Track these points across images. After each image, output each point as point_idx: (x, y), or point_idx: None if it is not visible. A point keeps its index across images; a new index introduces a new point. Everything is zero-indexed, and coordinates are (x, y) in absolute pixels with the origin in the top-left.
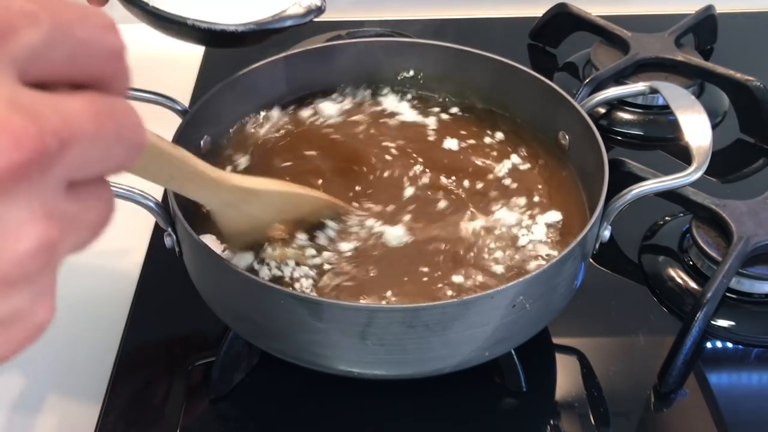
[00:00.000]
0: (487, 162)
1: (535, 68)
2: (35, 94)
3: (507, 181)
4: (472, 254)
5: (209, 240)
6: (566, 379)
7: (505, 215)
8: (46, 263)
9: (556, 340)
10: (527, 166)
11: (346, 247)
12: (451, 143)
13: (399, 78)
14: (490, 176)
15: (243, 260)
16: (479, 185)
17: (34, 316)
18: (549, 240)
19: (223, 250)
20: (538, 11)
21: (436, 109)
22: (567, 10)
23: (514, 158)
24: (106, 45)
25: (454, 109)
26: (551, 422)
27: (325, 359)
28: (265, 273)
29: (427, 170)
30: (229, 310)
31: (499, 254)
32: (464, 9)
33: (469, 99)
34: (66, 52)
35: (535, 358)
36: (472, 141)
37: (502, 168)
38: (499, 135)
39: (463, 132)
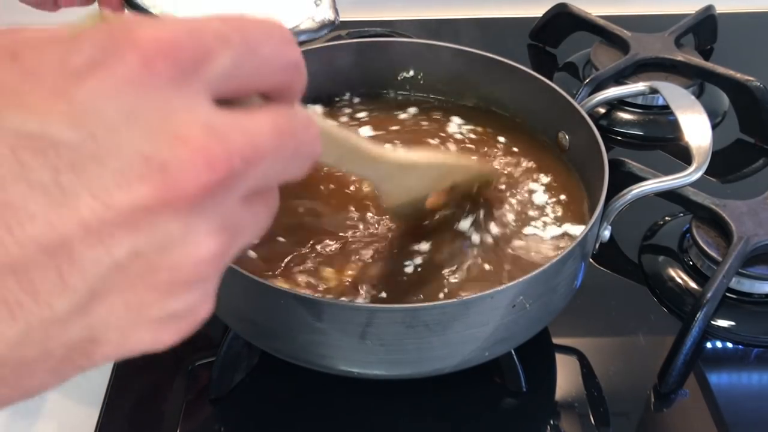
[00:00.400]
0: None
1: (535, 68)
2: (225, 116)
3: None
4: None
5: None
6: (566, 379)
7: (537, 188)
8: (214, 269)
9: (556, 340)
10: (527, 165)
11: None
12: (452, 144)
13: (399, 78)
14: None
15: None
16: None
17: (199, 312)
18: (552, 245)
19: None
20: (538, 11)
21: (437, 112)
22: (567, 10)
23: (515, 159)
24: (287, 58)
25: (454, 109)
26: (551, 422)
27: (324, 359)
28: None
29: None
30: (228, 310)
31: (511, 217)
32: (464, 9)
33: (469, 99)
34: (252, 69)
35: (535, 358)
36: (472, 141)
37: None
38: (499, 136)
39: (463, 132)
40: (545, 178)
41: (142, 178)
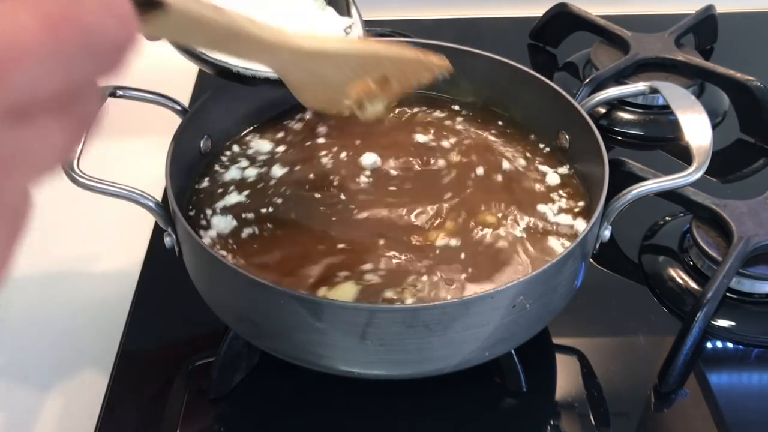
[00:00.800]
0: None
1: (535, 68)
2: None
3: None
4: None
5: None
6: (566, 379)
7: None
8: None
9: (556, 340)
10: (526, 165)
11: None
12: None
13: None
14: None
15: None
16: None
17: None
18: (558, 224)
19: None
20: (538, 11)
21: (438, 111)
22: (567, 10)
23: (515, 159)
24: None
25: (455, 108)
26: (551, 422)
27: (324, 359)
28: None
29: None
30: (229, 310)
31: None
32: (464, 9)
33: (469, 99)
34: None
35: (535, 358)
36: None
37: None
38: (500, 135)
39: (464, 131)
40: (545, 177)
41: None
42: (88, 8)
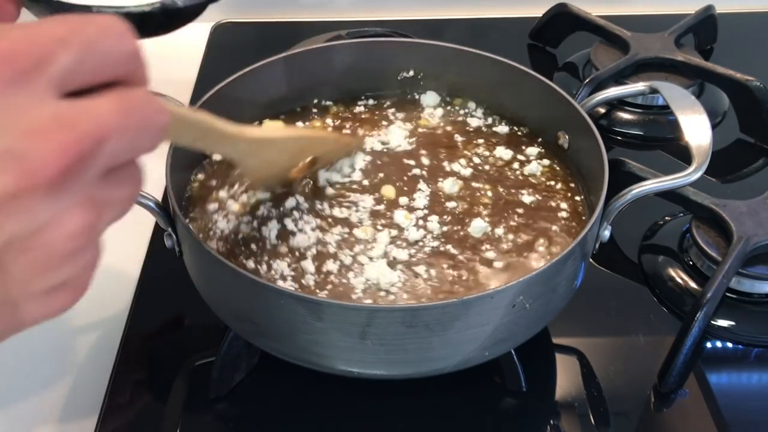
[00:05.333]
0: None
1: (535, 68)
2: (72, 105)
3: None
4: None
5: None
6: (566, 379)
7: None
8: (87, 241)
9: (556, 340)
10: (527, 165)
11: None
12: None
13: (399, 78)
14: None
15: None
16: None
17: (84, 279)
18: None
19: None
20: (538, 11)
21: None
22: (567, 10)
23: (513, 158)
24: (125, 50)
25: (455, 109)
26: (551, 422)
27: (324, 359)
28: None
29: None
30: (229, 310)
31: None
32: (464, 9)
33: (469, 99)
34: (93, 64)
35: (535, 358)
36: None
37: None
38: (499, 135)
39: (463, 131)
40: (544, 177)
41: (3, 170)
42: (142, 101)
